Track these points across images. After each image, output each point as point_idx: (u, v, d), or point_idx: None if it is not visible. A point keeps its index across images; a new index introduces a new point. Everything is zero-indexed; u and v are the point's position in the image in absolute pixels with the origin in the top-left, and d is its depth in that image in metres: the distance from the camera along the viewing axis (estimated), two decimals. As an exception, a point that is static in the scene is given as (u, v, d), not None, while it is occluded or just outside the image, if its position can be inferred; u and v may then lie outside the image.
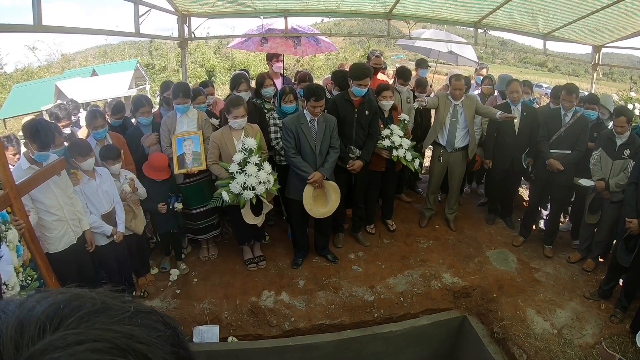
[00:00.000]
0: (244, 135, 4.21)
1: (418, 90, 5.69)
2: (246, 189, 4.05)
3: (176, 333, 0.52)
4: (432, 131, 5.27)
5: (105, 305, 0.50)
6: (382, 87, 4.88)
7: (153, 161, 4.30)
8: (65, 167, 3.49)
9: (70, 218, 3.55)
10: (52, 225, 3.45)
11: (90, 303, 0.50)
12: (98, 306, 0.50)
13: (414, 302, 4.40)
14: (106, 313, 0.49)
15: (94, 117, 4.12)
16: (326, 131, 4.28)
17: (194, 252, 4.90)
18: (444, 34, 8.73)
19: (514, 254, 5.07)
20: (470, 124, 5.10)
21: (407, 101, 5.52)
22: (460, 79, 4.93)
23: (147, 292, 4.36)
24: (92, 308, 0.49)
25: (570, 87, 4.92)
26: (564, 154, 4.74)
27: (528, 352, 3.91)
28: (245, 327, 4.14)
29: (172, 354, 0.49)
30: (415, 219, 5.61)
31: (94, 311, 0.49)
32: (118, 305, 0.51)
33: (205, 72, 15.62)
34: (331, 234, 5.01)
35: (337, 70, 5.24)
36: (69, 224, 3.54)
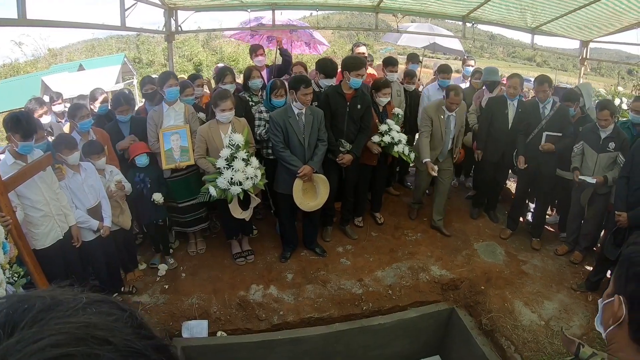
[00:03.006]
0: (232, 129, 4.18)
1: (406, 80, 5.68)
2: (233, 185, 4.03)
3: (133, 315, 0.52)
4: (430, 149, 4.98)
5: (56, 301, 0.50)
6: (381, 84, 4.86)
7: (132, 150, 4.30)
8: (51, 162, 3.45)
9: (57, 213, 3.51)
10: (39, 221, 3.41)
11: (39, 302, 0.49)
12: (48, 303, 0.49)
13: (402, 294, 4.42)
14: (58, 308, 0.49)
15: (77, 107, 4.08)
16: (314, 124, 4.27)
17: (182, 247, 4.87)
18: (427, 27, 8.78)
19: (502, 247, 5.11)
20: (459, 128, 5.09)
21: (398, 94, 5.51)
22: (459, 93, 4.78)
23: (136, 287, 4.33)
24: (43, 306, 0.49)
25: (540, 78, 4.95)
26: (556, 136, 4.75)
27: (516, 343, 3.95)
28: (234, 322, 4.13)
29: (134, 334, 0.49)
30: (403, 212, 5.62)
31: (44, 309, 0.48)
32: (69, 299, 0.51)
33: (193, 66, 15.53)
34: (319, 227, 5.01)
35: (321, 58, 5.20)
36: (55, 219, 3.50)
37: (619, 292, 1.06)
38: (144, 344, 0.49)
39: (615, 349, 1.08)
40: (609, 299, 1.11)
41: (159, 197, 4.27)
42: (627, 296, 1.03)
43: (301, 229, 4.88)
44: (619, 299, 1.05)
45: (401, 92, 5.57)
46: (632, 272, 1.03)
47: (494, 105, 5.22)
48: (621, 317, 1.04)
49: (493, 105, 5.25)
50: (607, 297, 1.13)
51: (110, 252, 4.07)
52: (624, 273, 1.05)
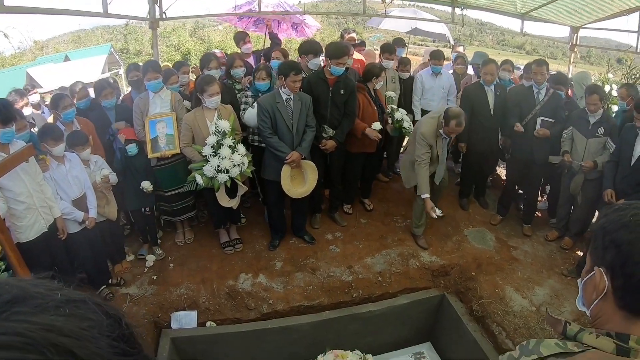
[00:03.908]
0: (218, 116, 4.11)
1: (400, 68, 5.63)
2: (220, 172, 3.97)
3: (118, 323, 0.46)
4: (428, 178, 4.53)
5: (25, 294, 0.43)
6: (378, 69, 4.78)
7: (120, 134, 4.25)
8: (33, 153, 3.37)
9: (41, 205, 3.44)
10: (22, 214, 3.34)
11: (4, 292, 0.43)
12: (15, 294, 0.43)
13: (393, 281, 4.41)
14: (25, 302, 0.43)
15: (60, 97, 4.01)
16: (302, 110, 4.21)
17: (170, 237, 4.80)
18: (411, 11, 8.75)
19: (492, 233, 5.10)
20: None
21: (392, 81, 5.46)
22: (461, 124, 4.27)
23: (124, 279, 4.27)
24: (7, 298, 0.42)
25: (539, 60, 4.92)
26: (550, 122, 4.72)
27: (507, 329, 3.96)
28: (223, 312, 4.10)
29: (109, 347, 0.43)
30: (392, 199, 5.58)
31: (9, 301, 0.42)
32: (41, 293, 0.44)
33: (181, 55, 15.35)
34: (308, 214, 4.96)
35: (303, 41, 5.12)
36: (39, 211, 3.43)
37: (598, 265, 1.06)
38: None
39: (603, 321, 1.07)
40: (588, 275, 1.11)
41: (147, 184, 4.22)
42: (606, 266, 1.03)
43: (290, 217, 4.83)
44: (600, 271, 1.04)
45: (396, 79, 5.53)
46: (607, 240, 1.03)
47: (472, 94, 5.16)
48: (604, 288, 1.03)
49: (471, 93, 5.19)
50: (586, 273, 1.12)
51: (97, 244, 4.00)
52: (600, 244, 1.05)
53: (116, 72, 11.12)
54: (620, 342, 1.00)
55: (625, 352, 0.99)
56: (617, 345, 1.00)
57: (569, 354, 1.02)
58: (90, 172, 3.94)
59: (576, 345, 1.04)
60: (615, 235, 1.01)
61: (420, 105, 5.73)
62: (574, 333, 1.08)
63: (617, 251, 1.00)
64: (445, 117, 4.30)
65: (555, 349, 1.04)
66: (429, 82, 5.65)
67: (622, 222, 1.01)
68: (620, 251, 0.99)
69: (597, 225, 1.08)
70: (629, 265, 0.98)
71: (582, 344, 1.04)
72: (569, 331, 1.10)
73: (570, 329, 1.10)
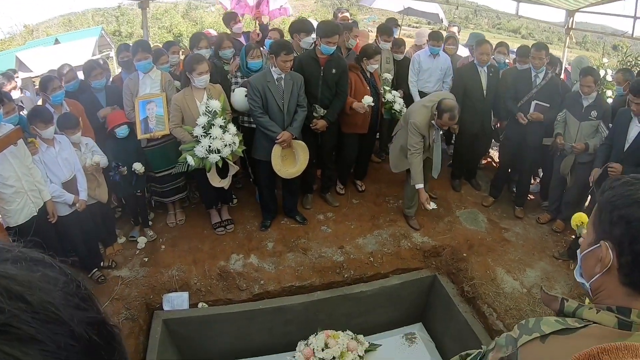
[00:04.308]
0: (207, 96, 4.06)
1: (394, 49, 5.57)
2: (212, 153, 3.94)
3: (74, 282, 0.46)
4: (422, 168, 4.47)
5: None
6: (373, 51, 4.69)
7: (110, 120, 4.19)
8: (21, 136, 3.33)
9: (30, 189, 3.42)
10: (11, 198, 3.31)
11: None
12: None
13: (384, 262, 4.42)
14: None
15: (48, 80, 3.94)
16: (294, 89, 4.16)
17: (162, 219, 4.78)
18: None
19: (484, 214, 5.11)
20: None
21: (387, 62, 5.39)
22: (454, 118, 4.21)
23: (115, 262, 4.26)
24: None
25: (538, 44, 4.89)
26: (545, 107, 4.70)
27: (498, 310, 3.98)
28: (215, 292, 4.10)
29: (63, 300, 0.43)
30: (385, 179, 5.55)
31: None
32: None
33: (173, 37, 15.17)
34: (300, 195, 4.94)
35: (293, 20, 5.05)
36: (28, 195, 3.41)
37: (604, 238, 1.03)
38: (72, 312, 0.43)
39: (604, 296, 1.05)
40: (591, 248, 1.08)
41: (139, 166, 4.19)
42: (614, 241, 1.00)
43: (281, 197, 4.82)
44: (606, 245, 1.01)
45: (390, 60, 5.46)
46: (616, 215, 1.00)
47: (465, 75, 5.12)
48: (609, 262, 1.00)
49: (464, 74, 5.14)
50: (588, 246, 1.10)
51: (88, 227, 3.98)
52: (607, 218, 1.02)
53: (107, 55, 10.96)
54: (622, 316, 0.99)
55: (627, 326, 0.98)
56: (619, 320, 0.99)
57: (571, 329, 1.00)
58: (80, 154, 3.90)
59: (576, 322, 1.02)
60: (626, 211, 0.98)
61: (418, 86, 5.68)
62: (573, 309, 1.07)
63: (627, 227, 0.97)
64: (438, 110, 4.20)
65: (557, 325, 1.02)
66: (427, 63, 5.57)
67: (634, 198, 0.98)
68: (631, 228, 0.96)
69: (604, 198, 1.05)
70: (638, 243, 0.96)
71: (583, 320, 1.03)
72: (567, 308, 1.09)
73: (569, 306, 1.09)
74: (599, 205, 1.07)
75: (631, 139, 3.91)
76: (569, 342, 0.98)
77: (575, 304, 1.08)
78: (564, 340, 1.00)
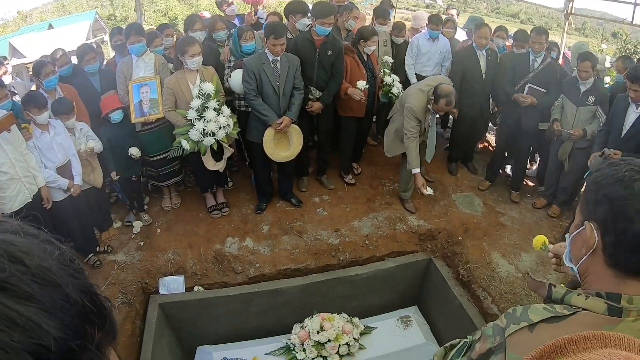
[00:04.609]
0: (200, 79, 4.02)
1: (394, 33, 5.50)
2: (206, 136, 3.92)
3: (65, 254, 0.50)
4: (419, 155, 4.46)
5: None
6: (369, 33, 4.60)
7: (104, 105, 4.16)
8: (13, 122, 3.30)
9: (24, 175, 3.40)
10: (5, 185, 3.30)
11: None
12: None
13: (380, 245, 4.42)
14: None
15: (42, 65, 3.90)
16: (289, 72, 4.11)
17: (157, 203, 4.76)
18: None
19: (480, 198, 5.09)
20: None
21: (384, 44, 5.31)
22: (451, 103, 4.14)
23: (111, 246, 4.26)
24: None
25: (538, 28, 4.84)
26: (541, 91, 4.67)
27: (493, 294, 3.99)
28: (210, 276, 4.11)
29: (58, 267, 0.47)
30: (380, 162, 5.53)
31: None
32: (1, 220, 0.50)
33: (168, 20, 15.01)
34: (295, 177, 4.92)
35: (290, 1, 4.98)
36: (23, 181, 3.39)
37: (588, 219, 1.03)
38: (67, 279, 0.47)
39: (592, 280, 1.05)
40: (577, 230, 1.07)
41: (135, 151, 4.17)
42: (598, 221, 1.00)
43: (277, 180, 4.80)
44: (590, 226, 1.01)
45: (388, 42, 5.37)
46: (600, 194, 0.99)
47: (464, 59, 5.06)
48: (594, 243, 1.00)
49: (463, 58, 5.08)
50: (575, 228, 1.09)
51: (83, 212, 3.97)
52: (592, 198, 1.02)
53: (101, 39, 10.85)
54: (612, 302, 0.98)
55: (617, 313, 0.97)
56: (609, 306, 0.98)
57: (560, 317, 0.99)
58: (75, 139, 3.87)
59: (565, 308, 1.01)
60: (609, 189, 0.98)
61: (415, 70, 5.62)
62: (561, 295, 1.06)
63: (610, 206, 0.97)
64: (435, 95, 4.15)
65: (545, 313, 1.01)
66: (426, 47, 5.48)
67: (617, 177, 0.98)
68: (614, 206, 0.96)
69: (590, 179, 1.05)
70: (621, 221, 0.95)
71: (571, 306, 1.02)
72: (555, 294, 1.08)
73: (556, 292, 1.08)
74: (586, 187, 1.07)
75: (629, 124, 3.90)
76: (558, 331, 0.97)
77: (563, 289, 1.07)
78: (552, 328, 0.99)
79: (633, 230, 0.94)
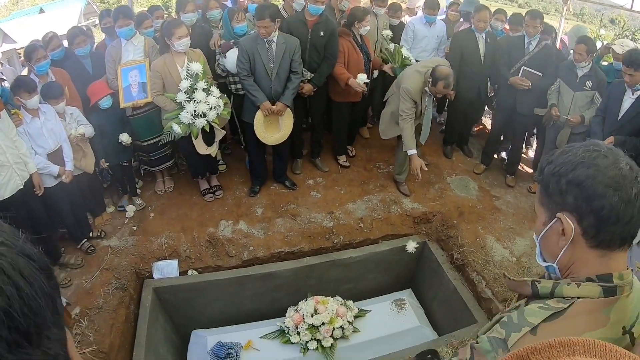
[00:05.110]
0: (188, 61, 3.96)
1: (390, 13, 5.41)
2: (198, 117, 3.87)
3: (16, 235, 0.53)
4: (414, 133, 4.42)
5: None
6: (362, 12, 4.50)
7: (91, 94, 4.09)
8: (2, 108, 3.24)
9: (15, 162, 3.33)
10: (-5, 172, 3.24)
11: None
12: None
13: (374, 227, 4.40)
14: None
15: (34, 49, 3.82)
16: (285, 54, 4.02)
17: (150, 187, 4.73)
18: None
19: (475, 182, 5.08)
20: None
21: (384, 27, 5.22)
22: (449, 85, 4.12)
23: (104, 231, 4.23)
24: None
25: (533, 12, 4.79)
26: (536, 75, 4.63)
27: (487, 278, 3.99)
28: (204, 259, 4.10)
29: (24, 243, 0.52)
30: (375, 145, 5.50)
31: None
32: None
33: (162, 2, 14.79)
34: (289, 160, 4.89)
35: None
36: (14, 168, 3.33)
37: (558, 211, 1.01)
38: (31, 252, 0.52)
39: (577, 267, 1.04)
40: (547, 226, 1.06)
41: (126, 137, 4.12)
42: (570, 209, 0.99)
43: (271, 162, 4.76)
44: (563, 216, 1.00)
45: (387, 25, 5.27)
46: (564, 182, 0.99)
47: (463, 41, 4.98)
48: (572, 232, 0.99)
49: (461, 41, 5.00)
50: (543, 225, 1.07)
51: (76, 198, 3.93)
52: (556, 190, 1.01)
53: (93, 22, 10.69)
54: (605, 283, 0.98)
55: (612, 292, 0.98)
56: (603, 288, 0.98)
57: (559, 312, 0.98)
58: (66, 124, 3.81)
59: (559, 302, 1.00)
60: (573, 175, 0.98)
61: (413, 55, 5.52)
62: (549, 289, 1.05)
63: (579, 189, 0.97)
64: (433, 77, 4.08)
65: (543, 313, 1.00)
66: (423, 32, 5.36)
67: (576, 161, 0.99)
68: (583, 188, 0.97)
69: (546, 174, 1.04)
70: (595, 199, 0.96)
71: (565, 298, 1.01)
72: (542, 289, 1.06)
73: (543, 287, 1.06)
74: (543, 183, 1.06)
75: (624, 109, 3.88)
76: (560, 327, 0.97)
77: (549, 283, 1.06)
78: (553, 326, 0.98)
79: (609, 203, 0.95)
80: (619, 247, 0.99)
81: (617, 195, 0.94)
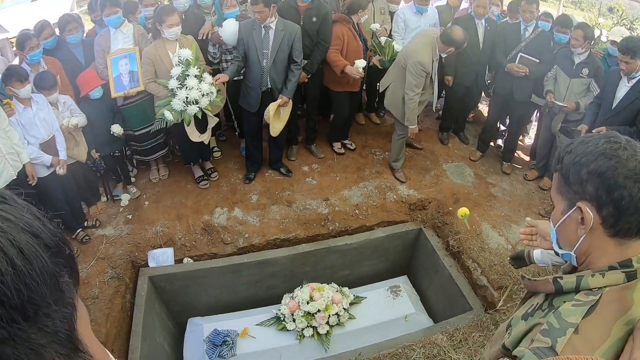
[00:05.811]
0: (179, 47, 3.91)
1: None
2: (189, 104, 3.82)
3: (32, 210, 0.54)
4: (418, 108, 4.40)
5: None
6: (363, 3, 4.43)
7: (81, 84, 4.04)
8: (-6, 98, 3.22)
9: (8, 152, 3.31)
10: (-11, 162, 3.21)
11: None
12: None
13: (370, 214, 4.39)
14: None
15: (26, 38, 3.77)
16: (284, 41, 3.95)
17: (145, 175, 4.70)
18: None
19: (471, 168, 5.06)
20: None
21: (381, 12, 5.10)
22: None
23: (99, 220, 4.21)
24: None
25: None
26: (533, 61, 4.59)
27: (482, 265, 3.99)
28: (199, 247, 4.09)
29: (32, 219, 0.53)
30: (371, 131, 5.47)
31: None
32: None
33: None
34: (285, 146, 4.85)
35: None
36: (7, 158, 3.31)
37: (578, 200, 1.04)
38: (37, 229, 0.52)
39: (596, 257, 1.06)
40: (566, 214, 1.08)
41: (118, 129, 4.08)
42: (590, 199, 1.01)
43: (266, 149, 4.72)
44: (583, 205, 1.02)
45: (385, 11, 5.17)
46: (585, 172, 1.01)
47: (462, 26, 4.90)
48: (591, 220, 1.01)
49: (461, 26, 4.94)
50: (561, 214, 1.09)
51: (70, 187, 3.92)
52: (576, 179, 1.03)
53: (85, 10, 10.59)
54: (626, 268, 1.02)
55: (633, 275, 1.02)
56: (626, 274, 1.01)
57: (593, 306, 1.01)
58: (58, 113, 3.78)
59: (590, 294, 1.02)
60: (595, 165, 1.00)
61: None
62: (574, 284, 1.06)
63: (601, 180, 0.99)
64: (448, 42, 4.10)
65: (581, 309, 1.02)
66: (414, 22, 5.14)
67: (598, 152, 1.01)
68: (605, 178, 0.99)
69: (566, 163, 1.06)
70: (615, 190, 0.98)
71: (592, 290, 1.03)
72: (567, 284, 1.07)
73: (567, 282, 1.08)
74: (562, 172, 1.08)
75: (619, 97, 3.86)
76: (598, 320, 1.00)
77: (572, 277, 1.07)
78: (592, 321, 1.00)
79: (628, 194, 0.97)
80: (636, 236, 1.02)
81: (637, 187, 0.97)
